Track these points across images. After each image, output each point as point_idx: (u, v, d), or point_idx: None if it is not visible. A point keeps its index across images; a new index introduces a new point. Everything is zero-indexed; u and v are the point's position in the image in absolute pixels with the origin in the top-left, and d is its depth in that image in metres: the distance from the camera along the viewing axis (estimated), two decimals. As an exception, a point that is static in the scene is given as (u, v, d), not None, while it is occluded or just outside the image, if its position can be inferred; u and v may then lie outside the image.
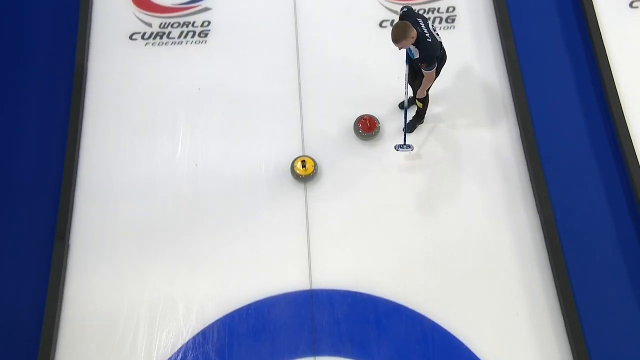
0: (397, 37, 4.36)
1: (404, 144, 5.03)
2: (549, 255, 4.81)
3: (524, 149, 5.18)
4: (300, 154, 5.19)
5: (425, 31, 4.47)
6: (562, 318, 4.61)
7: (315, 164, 5.10)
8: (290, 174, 5.10)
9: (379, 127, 5.19)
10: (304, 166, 5.06)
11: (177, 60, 5.64)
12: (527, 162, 5.14)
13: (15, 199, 5.07)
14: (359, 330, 4.56)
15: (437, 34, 4.61)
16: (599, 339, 4.52)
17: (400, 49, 4.45)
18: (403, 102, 4.96)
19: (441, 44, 4.64)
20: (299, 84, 5.49)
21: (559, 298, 4.66)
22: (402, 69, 4.79)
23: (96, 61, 5.63)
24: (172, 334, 4.58)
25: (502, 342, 4.56)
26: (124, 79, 5.57)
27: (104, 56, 5.67)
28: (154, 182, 5.12)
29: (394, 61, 5.05)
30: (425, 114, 5.15)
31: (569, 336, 4.53)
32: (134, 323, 4.62)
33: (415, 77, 4.85)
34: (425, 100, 4.99)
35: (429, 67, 4.56)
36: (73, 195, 5.05)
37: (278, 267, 4.77)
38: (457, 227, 4.95)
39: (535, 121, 5.24)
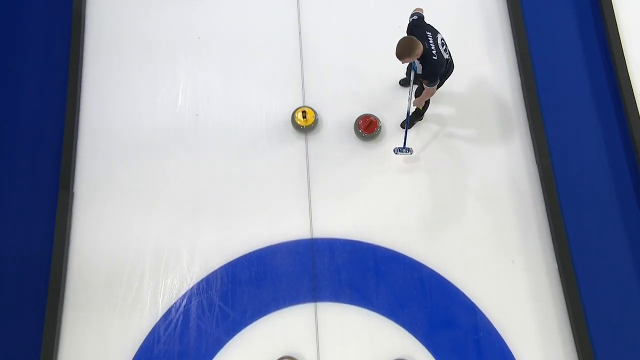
0: (402, 54, 4.16)
1: (404, 147, 4.92)
2: (545, 204, 4.89)
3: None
4: (301, 104, 5.19)
5: (433, 47, 4.26)
6: (556, 264, 4.72)
7: (316, 115, 5.10)
8: (291, 124, 5.11)
9: (380, 126, 5.07)
10: (304, 117, 5.07)
11: (175, 7, 5.55)
12: (527, 112, 5.16)
13: (18, 148, 5.09)
14: (359, 278, 4.68)
15: (445, 49, 4.40)
16: (592, 284, 4.64)
17: (403, 63, 4.28)
18: (403, 79, 4.91)
19: (447, 60, 4.43)
20: (300, 33, 5.43)
21: (553, 246, 4.77)
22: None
23: (94, 9, 5.55)
24: (176, 280, 4.70)
25: (497, 288, 4.68)
26: (122, 28, 5.50)
27: (102, 4, 5.57)
28: (155, 132, 5.13)
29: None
30: (424, 113, 5.02)
31: (562, 282, 4.65)
32: (139, 269, 4.73)
33: (417, 84, 4.68)
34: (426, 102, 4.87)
35: (430, 84, 4.39)
36: (76, 144, 5.07)
37: (279, 216, 4.85)
38: (455, 177, 5.01)
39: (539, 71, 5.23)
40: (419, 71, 4.37)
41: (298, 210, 4.87)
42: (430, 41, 4.28)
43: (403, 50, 4.15)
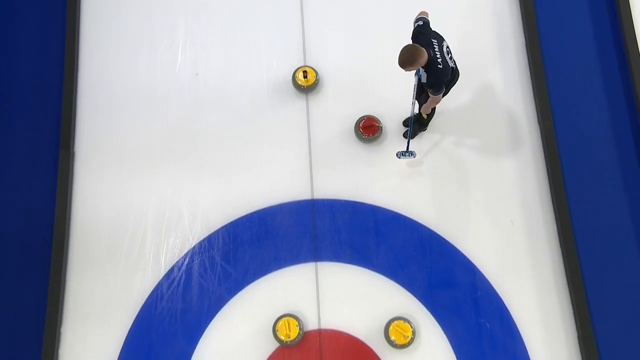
0: (405, 62, 3.96)
1: (407, 151, 4.82)
2: (546, 164, 4.90)
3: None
4: (302, 64, 5.13)
5: (438, 55, 4.06)
6: (555, 226, 4.75)
7: (317, 74, 5.05)
8: (291, 84, 5.06)
9: (382, 128, 4.95)
10: (305, 77, 5.02)
11: (175, -37, 5.45)
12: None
13: (17, 108, 5.07)
14: (359, 238, 4.72)
15: (450, 57, 4.21)
16: (590, 244, 4.69)
17: (406, 72, 4.09)
18: (408, 119, 4.79)
19: (452, 69, 4.25)
20: (300, -8, 5.36)
21: (552, 207, 4.79)
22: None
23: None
24: (178, 239, 4.75)
25: (496, 248, 4.73)
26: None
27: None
28: (155, 92, 5.10)
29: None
30: (428, 123, 4.88)
31: (561, 242, 4.69)
32: (141, 229, 4.77)
33: (422, 90, 4.46)
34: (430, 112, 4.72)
35: (435, 93, 4.21)
36: (75, 103, 5.05)
37: (280, 177, 4.86)
38: (455, 139, 4.99)
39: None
40: (424, 79, 4.21)
41: (299, 171, 4.87)
42: (436, 49, 4.08)
43: (406, 59, 3.96)
